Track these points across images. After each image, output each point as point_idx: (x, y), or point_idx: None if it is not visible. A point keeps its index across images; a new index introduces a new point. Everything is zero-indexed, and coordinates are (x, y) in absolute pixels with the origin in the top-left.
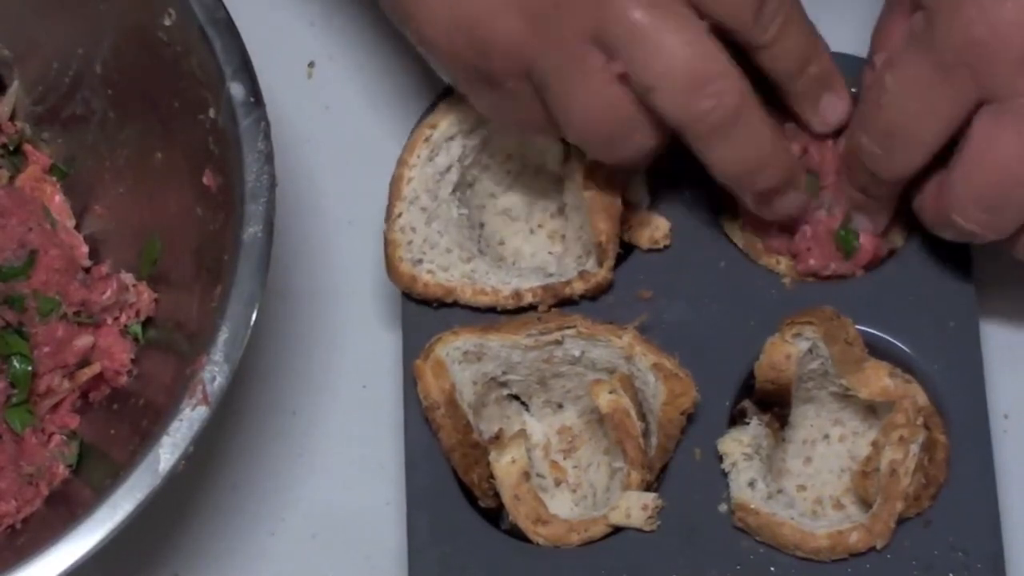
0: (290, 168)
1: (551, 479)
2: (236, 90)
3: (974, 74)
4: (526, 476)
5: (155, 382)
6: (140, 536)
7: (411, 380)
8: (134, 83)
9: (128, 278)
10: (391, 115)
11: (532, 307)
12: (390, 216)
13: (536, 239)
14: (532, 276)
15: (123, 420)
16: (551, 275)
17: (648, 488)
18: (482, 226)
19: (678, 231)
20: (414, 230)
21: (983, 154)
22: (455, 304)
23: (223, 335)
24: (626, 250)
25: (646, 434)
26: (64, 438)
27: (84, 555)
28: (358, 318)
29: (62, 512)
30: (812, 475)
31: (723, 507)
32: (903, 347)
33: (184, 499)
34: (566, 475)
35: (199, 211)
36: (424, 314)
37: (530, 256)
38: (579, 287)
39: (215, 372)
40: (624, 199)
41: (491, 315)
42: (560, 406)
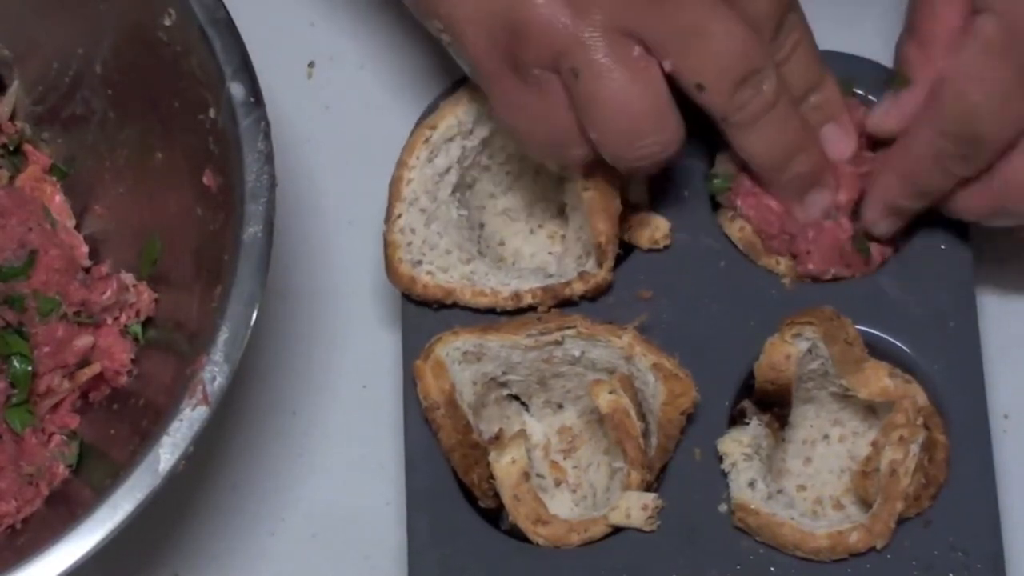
0: (290, 168)
1: (551, 479)
2: (236, 90)
3: None
4: (526, 476)
5: (155, 382)
6: (140, 536)
7: (411, 380)
8: (134, 83)
9: (128, 278)
10: (391, 115)
11: (531, 308)
12: (390, 217)
13: (536, 240)
14: (531, 277)
15: (123, 420)
16: (551, 276)
17: (648, 488)
18: (482, 227)
19: (678, 231)
20: (413, 231)
21: None
22: (455, 305)
23: (223, 335)
24: (626, 250)
25: (646, 434)
26: (64, 438)
27: (84, 555)
28: (358, 318)
29: (62, 512)
30: (812, 475)
31: (723, 507)
32: (903, 347)
33: (184, 499)
34: (566, 475)
35: (199, 211)
36: (424, 314)
37: (530, 257)
38: (579, 288)
39: (215, 372)
40: (623, 199)
41: (490, 316)
42: (560, 406)
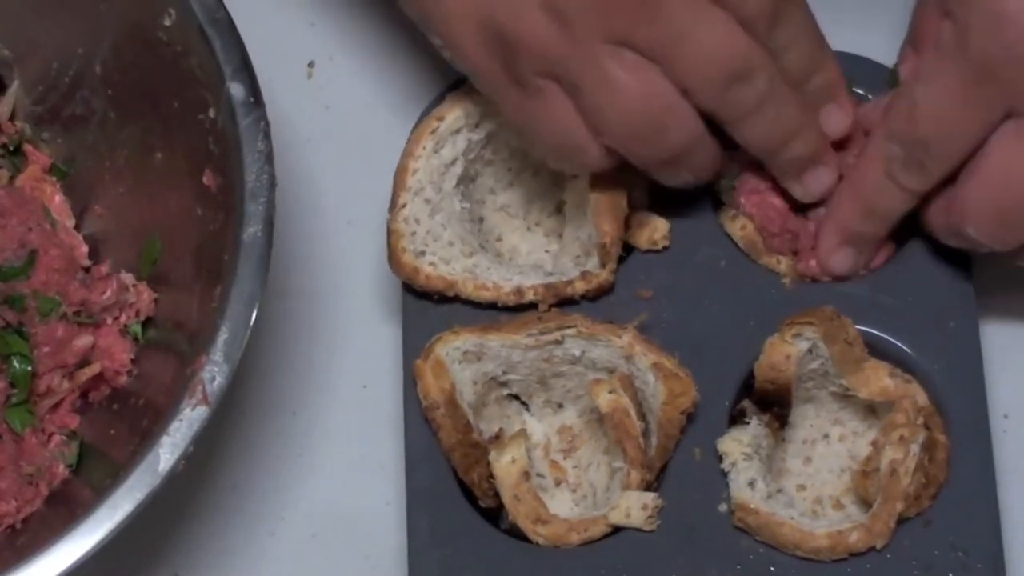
0: (290, 168)
1: (551, 479)
2: (236, 90)
3: (1004, 89)
4: (526, 476)
5: (155, 382)
6: (140, 536)
7: (411, 380)
8: (134, 83)
9: (128, 278)
10: (391, 115)
11: (533, 304)
12: (394, 206)
13: (533, 237)
14: (534, 274)
15: (123, 420)
16: (549, 274)
17: (648, 488)
18: (481, 221)
19: (678, 231)
20: (418, 221)
21: (1001, 168)
22: (456, 298)
23: (223, 335)
24: (626, 250)
25: (646, 434)
26: (64, 438)
27: (84, 555)
28: (358, 318)
29: (62, 512)
30: (812, 475)
31: (723, 507)
32: (903, 347)
33: (184, 499)
34: (566, 475)
35: (199, 211)
36: (424, 313)
37: (526, 253)
38: (581, 287)
39: (215, 372)
40: (629, 201)
41: (491, 311)
42: (560, 406)
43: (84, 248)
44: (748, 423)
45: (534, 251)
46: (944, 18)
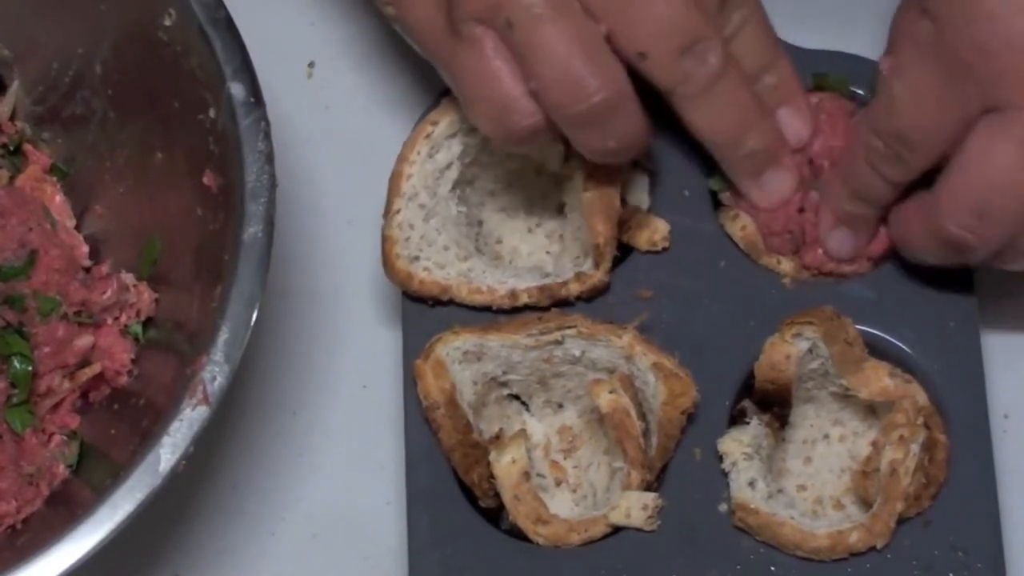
0: (290, 168)
1: (551, 479)
2: (236, 90)
3: (980, 84)
4: (526, 476)
5: (155, 382)
6: (140, 536)
7: (411, 380)
8: (134, 83)
9: (128, 278)
10: (391, 115)
11: (527, 307)
12: (388, 212)
13: (534, 238)
14: (528, 276)
15: (123, 420)
16: (548, 275)
17: (648, 488)
18: (480, 224)
19: (678, 231)
20: (412, 227)
21: (980, 160)
22: (451, 302)
23: (223, 335)
24: (625, 250)
25: (646, 434)
26: (64, 438)
27: (84, 555)
28: (358, 318)
29: (62, 512)
30: (812, 475)
31: (723, 507)
32: (903, 347)
33: (184, 499)
34: (566, 475)
35: (199, 211)
36: (424, 314)
37: (527, 255)
38: (575, 288)
39: (215, 372)
40: (623, 200)
41: (488, 314)
42: (560, 406)
43: (84, 248)
44: (748, 423)
45: (535, 252)
46: (922, 15)
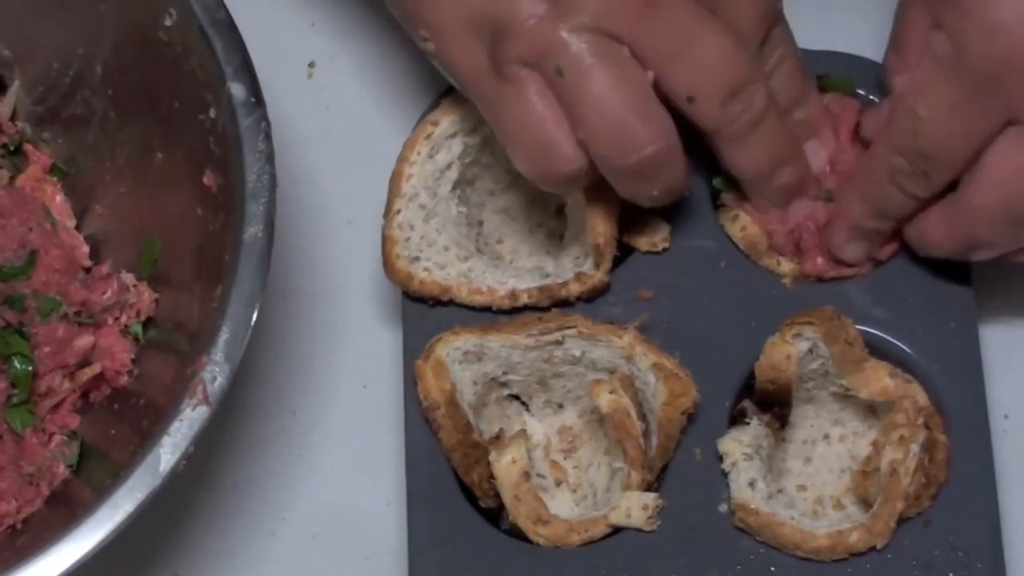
0: (290, 168)
1: (551, 479)
2: (236, 90)
3: (1003, 99)
4: (526, 476)
5: (155, 382)
6: (140, 536)
7: (411, 380)
8: (134, 83)
9: (128, 278)
10: (391, 115)
11: (528, 307)
12: (389, 212)
13: (534, 239)
14: (528, 276)
15: (123, 420)
16: (548, 275)
17: (648, 488)
18: (481, 224)
19: (678, 232)
20: (412, 227)
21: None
22: (451, 302)
23: (223, 335)
24: (626, 251)
25: (646, 434)
26: (64, 438)
27: (84, 555)
28: (358, 318)
29: (62, 512)
30: (812, 475)
31: (723, 507)
32: (903, 347)
33: (184, 499)
34: (566, 475)
35: (199, 211)
36: (424, 314)
37: (528, 256)
38: (575, 288)
39: (215, 372)
40: (623, 201)
41: (488, 315)
42: (560, 406)
43: (85, 248)
44: (748, 423)
45: (535, 253)
46: (935, 28)
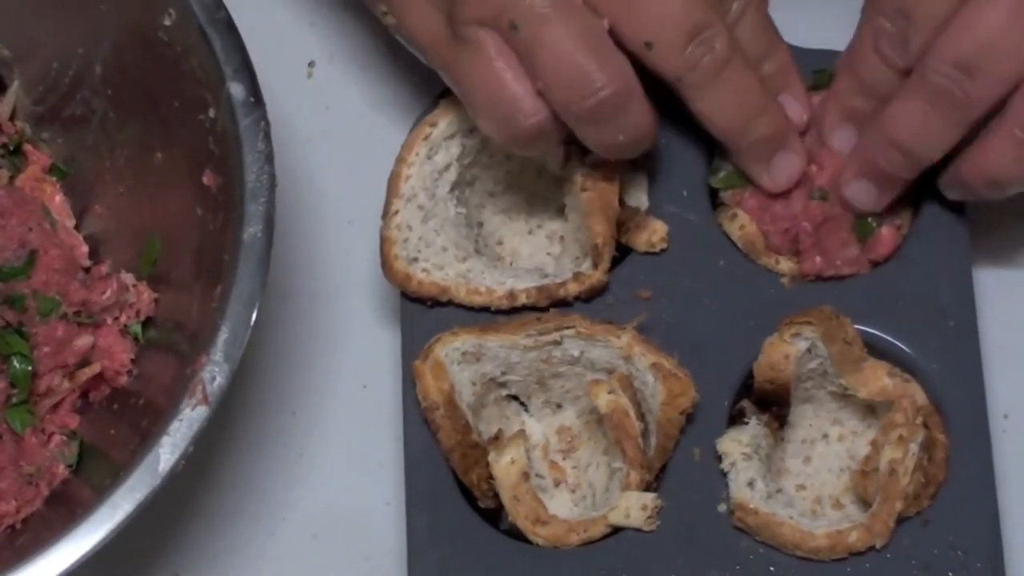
0: (290, 168)
1: (550, 479)
2: (236, 90)
3: None
4: (525, 476)
5: (155, 382)
6: (140, 536)
7: (410, 381)
8: (134, 83)
9: (128, 278)
10: (391, 115)
11: (526, 308)
12: (387, 213)
13: (534, 239)
14: (527, 277)
15: (123, 420)
16: (548, 276)
17: (647, 488)
18: (480, 225)
19: (677, 231)
20: (410, 228)
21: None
22: (449, 303)
23: (223, 335)
24: (624, 251)
25: (645, 434)
26: (64, 438)
27: (84, 555)
28: (358, 318)
29: (62, 512)
30: (811, 475)
31: (722, 507)
32: (903, 347)
33: (184, 499)
34: (565, 475)
35: (199, 211)
36: (423, 314)
37: (528, 256)
38: (573, 289)
39: (215, 372)
40: (622, 201)
41: (487, 315)
42: (559, 406)
43: (84, 248)
44: (747, 423)
45: (536, 253)
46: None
